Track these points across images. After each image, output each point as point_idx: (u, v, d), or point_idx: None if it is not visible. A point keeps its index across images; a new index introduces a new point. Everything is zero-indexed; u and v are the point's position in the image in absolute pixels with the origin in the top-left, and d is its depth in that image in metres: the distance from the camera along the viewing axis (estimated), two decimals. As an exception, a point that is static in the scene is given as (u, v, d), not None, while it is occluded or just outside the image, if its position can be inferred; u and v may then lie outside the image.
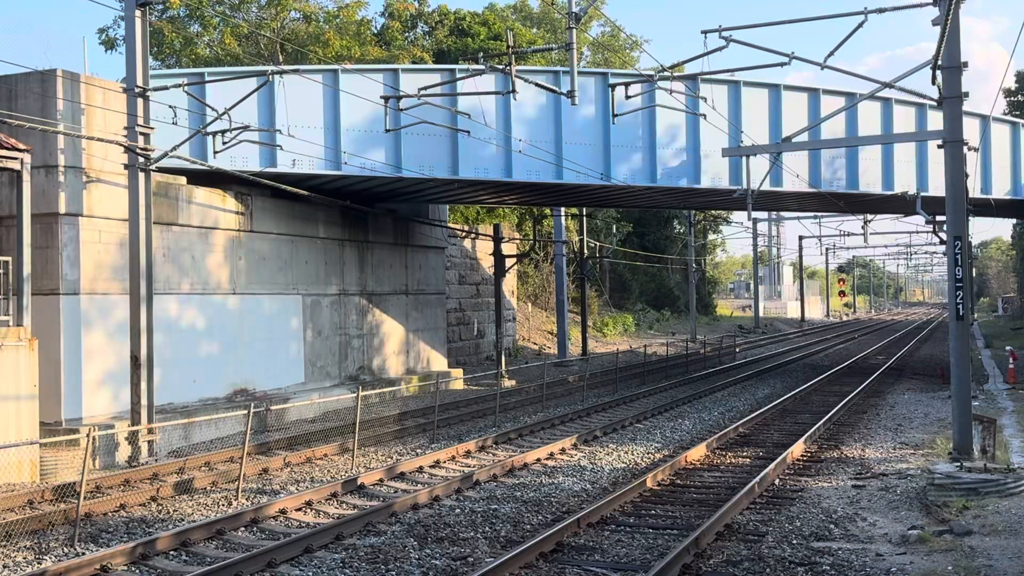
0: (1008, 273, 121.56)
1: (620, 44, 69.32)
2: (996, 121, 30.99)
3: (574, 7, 19.35)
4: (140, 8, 18.95)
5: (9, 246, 18.41)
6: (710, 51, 19.31)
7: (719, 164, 27.09)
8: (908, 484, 15.15)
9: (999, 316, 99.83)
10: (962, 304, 16.75)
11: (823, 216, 64.30)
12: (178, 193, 22.49)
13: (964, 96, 16.84)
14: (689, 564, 10.92)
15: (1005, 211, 37.89)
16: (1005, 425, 20.17)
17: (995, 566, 10.57)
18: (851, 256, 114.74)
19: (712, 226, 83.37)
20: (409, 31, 52.32)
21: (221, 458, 18.18)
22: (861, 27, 18.04)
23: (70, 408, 19.59)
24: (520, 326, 49.15)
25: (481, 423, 23.56)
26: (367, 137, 24.27)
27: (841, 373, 35.41)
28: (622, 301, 66.69)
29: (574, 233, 49.73)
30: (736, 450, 19.03)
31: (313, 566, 11.29)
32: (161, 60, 42.76)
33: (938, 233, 20.57)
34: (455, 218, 44.11)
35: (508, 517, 13.53)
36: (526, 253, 42.70)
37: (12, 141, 17.51)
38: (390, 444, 20.47)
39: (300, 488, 15.79)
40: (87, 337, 20.06)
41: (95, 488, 15.45)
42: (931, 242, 67.94)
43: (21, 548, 12.09)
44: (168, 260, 22.07)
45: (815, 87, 28.08)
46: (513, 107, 25.02)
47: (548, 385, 28.44)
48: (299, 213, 26.60)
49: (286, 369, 26.16)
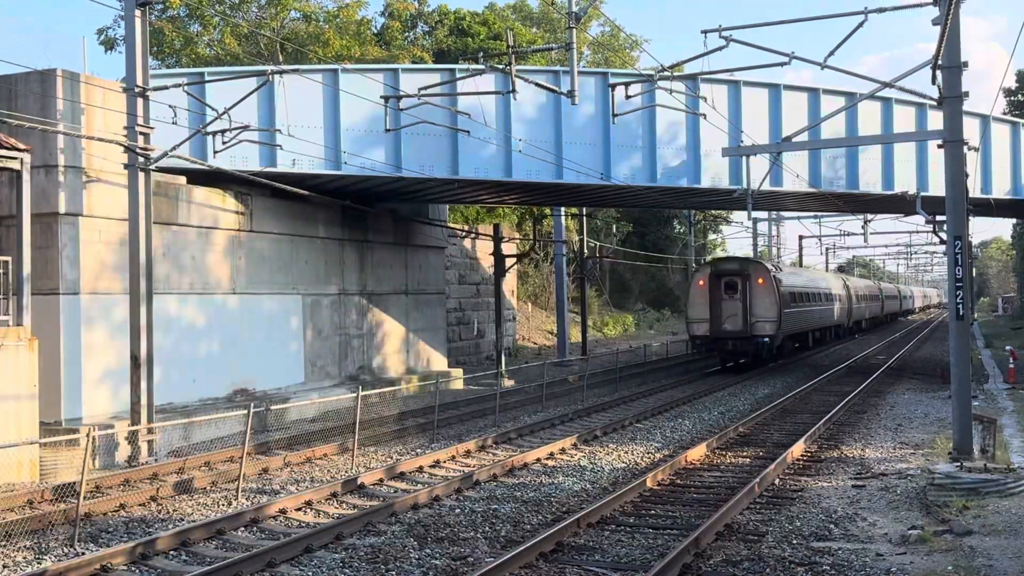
0: (1008, 273, 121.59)
1: (620, 44, 69.33)
2: (996, 121, 30.98)
3: (574, 7, 19.35)
4: (140, 8, 18.94)
5: (9, 246, 18.40)
6: (710, 51, 19.30)
7: (719, 164, 27.08)
8: (908, 484, 15.15)
9: (999, 316, 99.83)
10: (962, 304, 16.75)
11: (823, 216, 64.21)
12: (178, 193, 22.48)
13: (964, 96, 16.84)
14: (689, 564, 10.92)
15: (1005, 211, 37.89)
16: (1005, 425, 20.16)
17: (995, 566, 10.57)
18: (851, 256, 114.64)
19: (712, 226, 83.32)
20: (409, 31, 52.35)
21: (221, 458, 18.17)
22: (861, 27, 18.04)
23: (70, 408, 19.59)
24: (520, 326, 49.15)
25: (481, 423, 23.56)
26: (367, 137, 24.27)
27: (841, 373, 35.39)
28: (622, 301, 66.70)
29: (574, 233, 49.73)
30: (736, 450, 19.02)
31: (313, 566, 11.29)
32: (161, 60, 42.74)
33: (938, 233, 20.59)
34: (455, 218, 44.10)
35: (508, 517, 13.53)
36: (526, 253, 42.68)
37: (12, 141, 17.50)
38: (390, 444, 20.47)
39: (300, 488, 15.78)
40: (87, 337, 20.05)
41: (95, 488, 15.44)
42: (931, 242, 67.82)
43: (21, 548, 12.08)
44: (168, 260, 22.07)
45: (815, 87, 28.08)
46: (513, 107, 25.01)
47: (548, 385, 28.42)
48: (299, 213, 26.60)
49: (286, 369, 26.15)
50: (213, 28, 43.97)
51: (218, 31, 43.79)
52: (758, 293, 35.19)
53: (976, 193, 28.55)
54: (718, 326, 35.20)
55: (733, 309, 35.18)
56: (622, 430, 22.01)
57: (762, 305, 35.17)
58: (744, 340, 35.16)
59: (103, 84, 20.68)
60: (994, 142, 30.35)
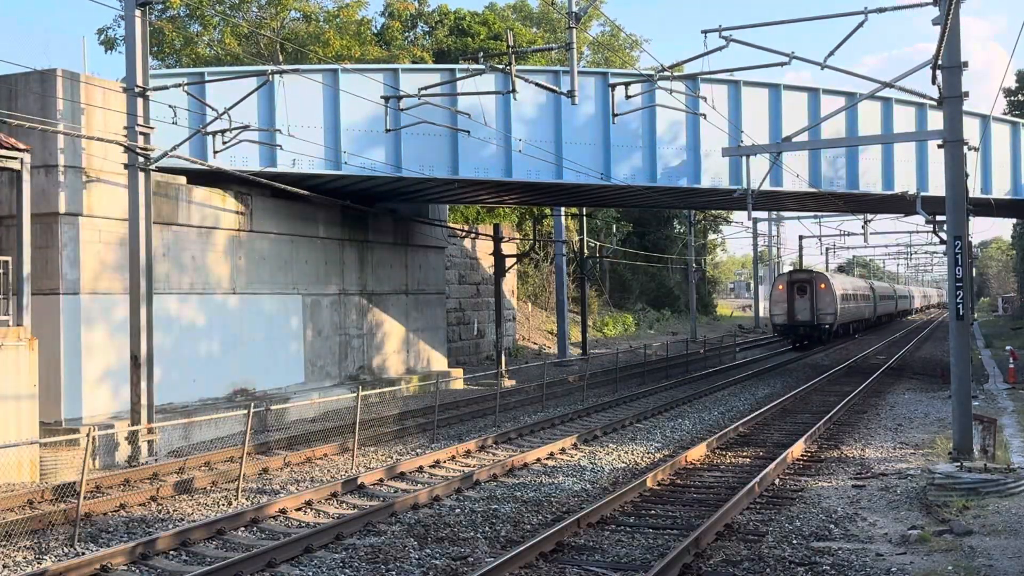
0: (1008, 273, 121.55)
1: (620, 44, 69.35)
2: (996, 121, 30.98)
3: (574, 7, 19.35)
4: (140, 8, 18.94)
5: (9, 246, 18.40)
6: (710, 51, 19.31)
7: (719, 164, 27.08)
8: (908, 484, 15.15)
9: (999, 316, 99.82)
10: (962, 304, 16.75)
11: (823, 216, 64.28)
12: (178, 193, 22.48)
13: (964, 96, 16.84)
14: (689, 564, 10.92)
15: (1005, 211, 37.88)
16: (1005, 425, 20.17)
17: (995, 566, 10.57)
18: (851, 256, 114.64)
19: (712, 226, 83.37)
20: (409, 31, 52.33)
21: (221, 458, 18.17)
22: (861, 27, 18.05)
23: (70, 408, 19.59)
24: (520, 326, 49.15)
25: (481, 423, 23.56)
26: (367, 137, 24.27)
27: (841, 373, 35.41)
28: (622, 301, 66.70)
29: (574, 233, 49.74)
30: (736, 450, 19.03)
31: (313, 566, 11.29)
32: (161, 60, 42.74)
33: (938, 233, 20.56)
34: (455, 218, 44.10)
35: (508, 517, 13.53)
36: (526, 253, 42.69)
37: (12, 141, 17.50)
38: (390, 444, 20.47)
39: (300, 488, 15.79)
40: (87, 337, 20.05)
41: (95, 488, 15.44)
42: (931, 242, 67.91)
43: (21, 548, 12.08)
44: (168, 259, 22.07)
45: (815, 87, 28.07)
46: (513, 107, 25.01)
47: (548, 385, 28.43)
48: (299, 213, 26.60)
49: (286, 369, 26.16)
50: (213, 28, 43.96)
51: (218, 31, 43.78)
52: (821, 294, 49.19)
53: (976, 193, 28.56)
54: (793, 317, 49.45)
55: (804, 305, 49.23)
56: (622, 430, 22.01)
57: (824, 302, 49.23)
58: (812, 327, 49.31)
59: (103, 84, 20.68)
60: (994, 142, 30.36)
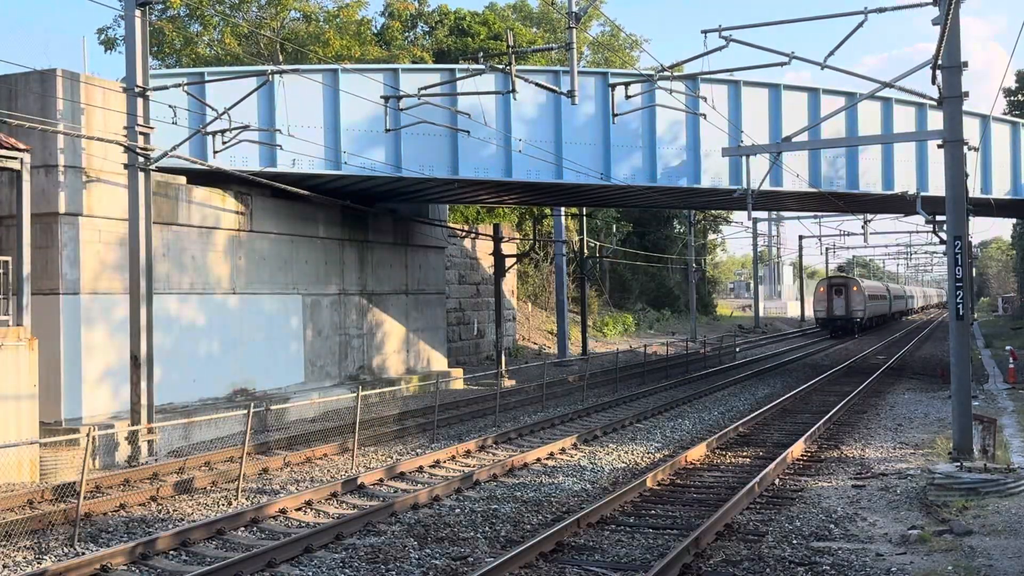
0: (1008, 273, 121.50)
1: (620, 44, 69.33)
2: (996, 121, 30.98)
3: (574, 7, 19.35)
4: (140, 8, 18.95)
5: (9, 246, 18.40)
6: (710, 51, 19.31)
7: (719, 164, 27.08)
8: (908, 484, 15.15)
9: (999, 316, 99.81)
10: (962, 304, 16.75)
11: (823, 216, 64.43)
12: (178, 192, 22.48)
13: (964, 96, 16.84)
14: (689, 564, 10.92)
15: (1005, 211, 37.90)
16: (1005, 425, 20.17)
17: (995, 566, 10.57)
18: (851, 256, 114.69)
19: (712, 226, 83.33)
20: (409, 31, 52.33)
21: (221, 458, 18.17)
22: (861, 27, 18.05)
23: (70, 408, 19.59)
24: (520, 326, 49.14)
25: (481, 423, 23.56)
26: (367, 137, 24.26)
27: (841, 373, 35.42)
28: (622, 301, 66.68)
29: (574, 233, 49.72)
30: (736, 450, 19.03)
31: (313, 566, 11.29)
32: (161, 60, 42.74)
33: (938, 233, 20.55)
34: (455, 218, 44.10)
35: (508, 517, 13.53)
36: (526, 253, 42.69)
37: (12, 141, 17.50)
38: (390, 444, 20.47)
39: (300, 488, 15.79)
40: (87, 337, 20.05)
41: (95, 488, 15.44)
42: (931, 242, 68.00)
43: (21, 548, 12.08)
44: (168, 259, 22.07)
45: (815, 87, 28.07)
46: (513, 107, 25.01)
47: (548, 385, 28.44)
48: (299, 213, 26.60)
49: (286, 369, 26.16)
50: (213, 28, 43.95)
51: (218, 31, 43.77)
52: (853, 294, 62.78)
53: (976, 193, 28.56)
54: (831, 313, 63.00)
55: (840, 303, 62.78)
56: (622, 430, 22.01)
57: (855, 301, 62.72)
58: (847, 320, 62.70)
59: (103, 84, 20.68)
60: (994, 142, 30.36)
